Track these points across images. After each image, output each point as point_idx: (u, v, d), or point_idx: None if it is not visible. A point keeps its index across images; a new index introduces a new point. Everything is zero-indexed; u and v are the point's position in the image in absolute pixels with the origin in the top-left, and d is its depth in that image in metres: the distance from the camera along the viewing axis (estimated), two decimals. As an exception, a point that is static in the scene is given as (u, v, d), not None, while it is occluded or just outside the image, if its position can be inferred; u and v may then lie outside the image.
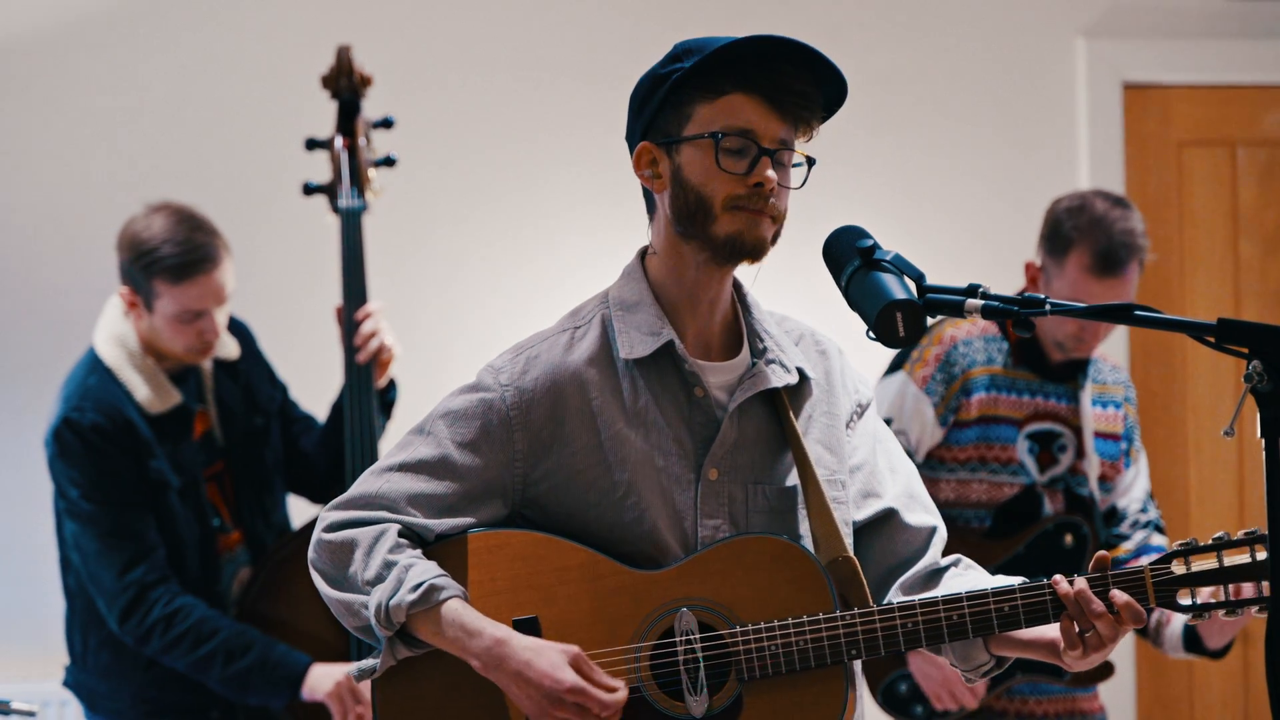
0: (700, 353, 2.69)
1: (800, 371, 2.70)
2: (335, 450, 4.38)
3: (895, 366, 4.29)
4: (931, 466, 4.25)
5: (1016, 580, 2.64)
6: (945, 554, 2.78)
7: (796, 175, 2.64)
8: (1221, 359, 5.42)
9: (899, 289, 2.45)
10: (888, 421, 4.16)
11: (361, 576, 2.61)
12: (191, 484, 4.20)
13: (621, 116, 2.62)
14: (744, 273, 2.73)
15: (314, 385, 4.77)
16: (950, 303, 2.46)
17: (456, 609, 2.57)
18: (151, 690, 4.19)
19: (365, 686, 4.11)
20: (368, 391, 4.32)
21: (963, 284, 2.49)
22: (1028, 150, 5.69)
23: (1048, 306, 2.42)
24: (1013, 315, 2.43)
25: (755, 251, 2.62)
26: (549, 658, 2.55)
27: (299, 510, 4.55)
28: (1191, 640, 4.20)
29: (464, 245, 5.45)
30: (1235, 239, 5.80)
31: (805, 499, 2.67)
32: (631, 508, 2.63)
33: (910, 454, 4.17)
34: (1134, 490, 4.34)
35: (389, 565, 2.59)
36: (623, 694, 2.57)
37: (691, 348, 2.68)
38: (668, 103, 2.63)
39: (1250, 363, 2.26)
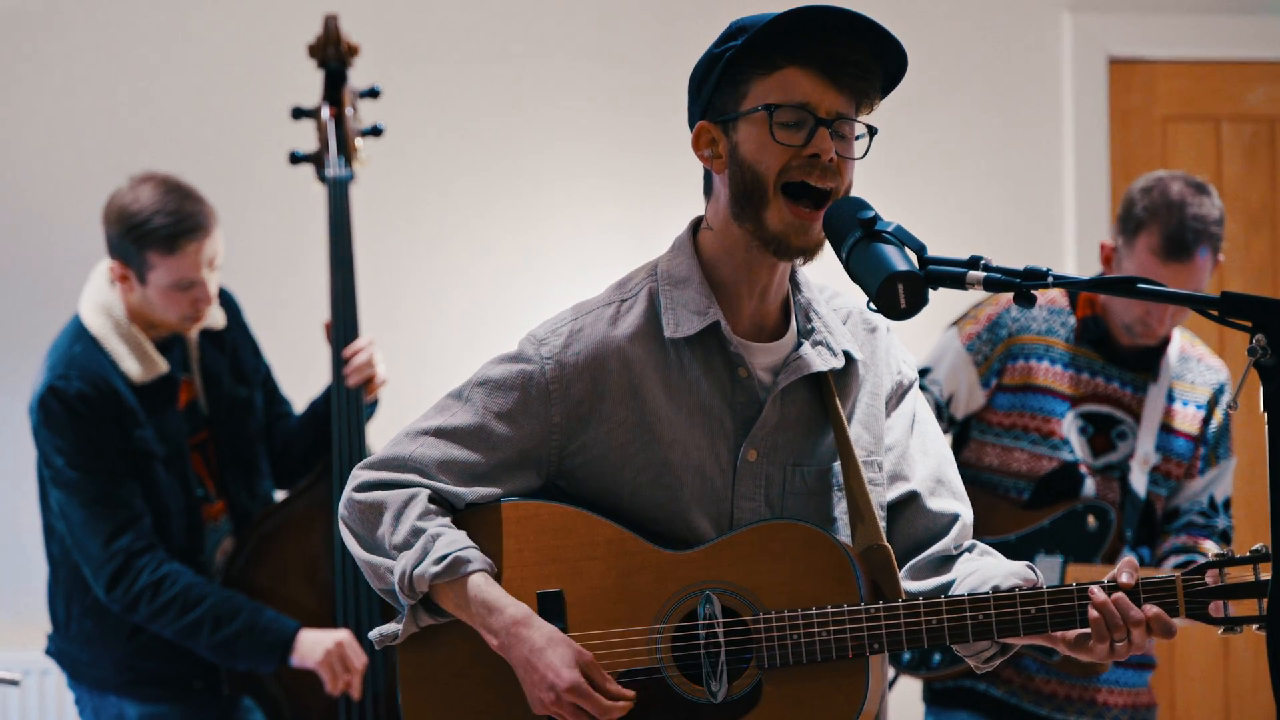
0: (751, 332, 2.65)
1: (847, 354, 2.67)
2: (305, 448, 4.40)
3: (953, 322, 4.22)
4: (980, 429, 4.17)
5: (1037, 575, 2.60)
6: (979, 517, 2.74)
7: (859, 147, 2.59)
8: (1224, 337, 5.40)
9: (900, 260, 2.42)
10: (924, 372, 4.12)
11: (389, 540, 2.60)
12: (176, 453, 4.19)
13: (609, 88, 2.59)
14: None
15: (300, 355, 4.76)
16: (952, 274, 2.42)
17: (480, 583, 2.56)
18: (134, 659, 4.18)
19: (356, 655, 4.14)
20: (356, 405, 4.33)
21: (948, 256, 2.46)
22: (1013, 124, 5.69)
23: (1050, 279, 2.39)
24: (1015, 287, 2.40)
25: (804, 253, 2.58)
26: (559, 652, 2.53)
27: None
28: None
29: (450, 216, 5.44)
30: (1219, 215, 5.79)
31: (844, 482, 2.63)
32: (665, 486, 2.60)
33: (939, 407, 4.12)
34: (1201, 495, 4.22)
35: (416, 532, 2.58)
36: (626, 705, 2.55)
37: (741, 327, 2.64)
38: (724, 81, 2.58)
39: (1254, 336, 2.24)
